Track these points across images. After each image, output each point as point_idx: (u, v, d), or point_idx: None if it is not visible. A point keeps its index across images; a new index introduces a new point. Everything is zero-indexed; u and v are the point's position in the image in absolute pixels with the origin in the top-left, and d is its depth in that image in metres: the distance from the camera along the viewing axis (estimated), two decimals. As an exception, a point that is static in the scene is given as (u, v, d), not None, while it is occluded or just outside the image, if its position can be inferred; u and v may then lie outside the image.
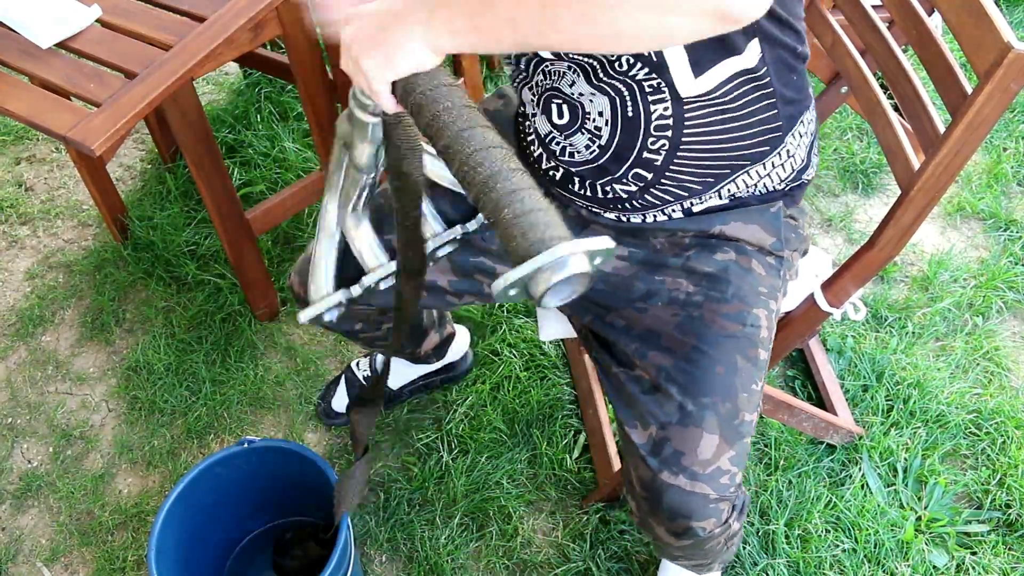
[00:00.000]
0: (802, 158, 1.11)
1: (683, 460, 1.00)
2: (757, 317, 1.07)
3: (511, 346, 1.82)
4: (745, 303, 1.07)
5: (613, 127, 1.01)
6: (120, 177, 2.26)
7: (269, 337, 1.90)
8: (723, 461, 1.00)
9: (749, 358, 1.04)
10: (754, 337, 1.06)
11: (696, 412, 1.01)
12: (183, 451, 1.72)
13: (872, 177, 2.17)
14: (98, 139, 1.32)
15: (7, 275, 2.08)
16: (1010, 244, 2.01)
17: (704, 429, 1.00)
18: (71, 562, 1.60)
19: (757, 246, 1.11)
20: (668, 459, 1.00)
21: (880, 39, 1.17)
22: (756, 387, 1.05)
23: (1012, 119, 2.29)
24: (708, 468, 0.99)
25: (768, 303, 1.09)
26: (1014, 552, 1.52)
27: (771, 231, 1.11)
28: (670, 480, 1.00)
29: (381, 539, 1.57)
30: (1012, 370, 1.78)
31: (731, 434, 1.01)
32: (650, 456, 1.01)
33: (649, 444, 1.02)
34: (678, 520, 1.02)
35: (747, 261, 1.09)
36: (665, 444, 1.01)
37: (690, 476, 0.99)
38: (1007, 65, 0.91)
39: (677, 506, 1.00)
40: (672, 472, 1.00)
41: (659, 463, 1.00)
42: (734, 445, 1.01)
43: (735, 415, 1.02)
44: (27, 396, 1.84)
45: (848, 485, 1.59)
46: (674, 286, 1.10)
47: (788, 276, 1.16)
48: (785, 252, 1.13)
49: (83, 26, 1.51)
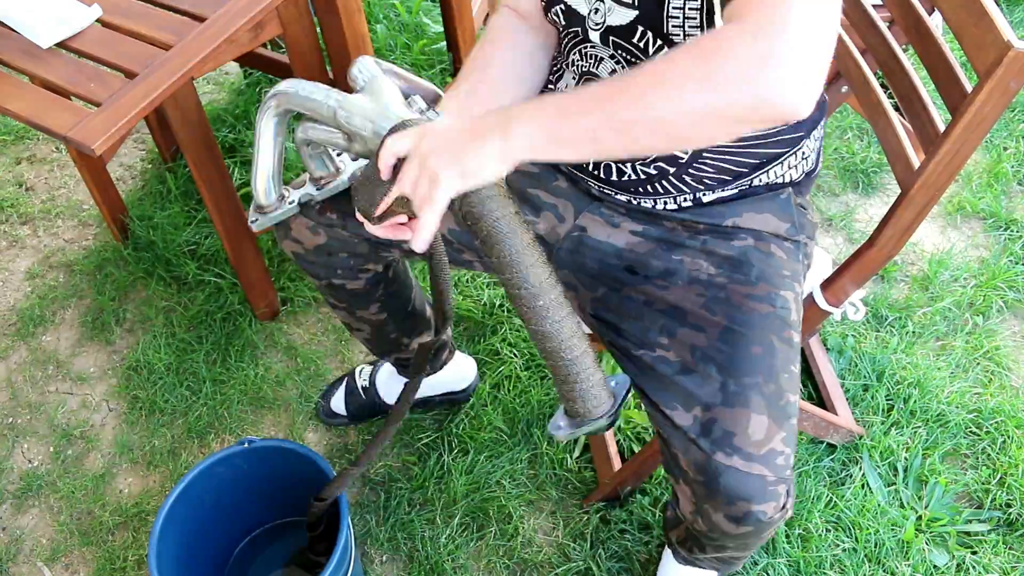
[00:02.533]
0: (813, 161, 1.13)
1: (735, 440, 0.96)
2: (785, 299, 1.05)
3: (511, 345, 1.82)
4: (772, 284, 1.05)
5: None
6: (120, 177, 2.27)
7: (269, 337, 1.90)
8: (776, 442, 0.97)
9: (784, 339, 1.02)
10: (786, 318, 1.04)
11: (740, 392, 0.97)
12: (184, 451, 1.72)
13: (872, 176, 2.17)
14: (98, 139, 1.32)
15: (7, 275, 2.08)
16: (1010, 243, 2.00)
17: (751, 410, 0.97)
18: (72, 562, 1.60)
19: (773, 233, 1.10)
20: (720, 440, 0.96)
21: (880, 38, 1.17)
22: (795, 368, 1.02)
23: (1012, 118, 2.29)
24: (762, 449, 0.96)
25: (793, 286, 1.08)
26: (1014, 551, 1.52)
27: (784, 217, 1.10)
28: (725, 461, 0.95)
29: (382, 539, 1.57)
30: (1012, 369, 1.78)
31: (778, 414, 0.97)
32: (701, 437, 0.97)
33: (697, 425, 0.98)
34: (738, 503, 0.97)
35: (766, 246, 1.09)
36: (714, 425, 0.97)
37: (745, 457, 0.95)
38: (1007, 64, 0.91)
39: (735, 488, 0.96)
40: (726, 453, 0.95)
41: (711, 444, 0.96)
42: (783, 426, 0.97)
43: (780, 396, 0.98)
44: (27, 396, 1.84)
45: (848, 484, 1.59)
46: (694, 267, 1.08)
47: (808, 263, 1.15)
48: (801, 237, 1.12)
49: (83, 26, 1.51)
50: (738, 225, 1.09)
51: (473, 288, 1.94)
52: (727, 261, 1.07)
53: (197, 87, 2.35)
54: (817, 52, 0.75)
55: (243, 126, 2.32)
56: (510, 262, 0.84)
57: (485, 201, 0.83)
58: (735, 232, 1.09)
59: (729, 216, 1.09)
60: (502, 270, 0.84)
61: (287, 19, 1.62)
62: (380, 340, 1.46)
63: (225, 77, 2.54)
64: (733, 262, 1.07)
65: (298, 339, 1.90)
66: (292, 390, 1.80)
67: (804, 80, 0.75)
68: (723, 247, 1.08)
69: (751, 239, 1.09)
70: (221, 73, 2.54)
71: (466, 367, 1.71)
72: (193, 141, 1.55)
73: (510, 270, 0.84)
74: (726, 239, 1.09)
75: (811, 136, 1.08)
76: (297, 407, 1.77)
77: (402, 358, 1.54)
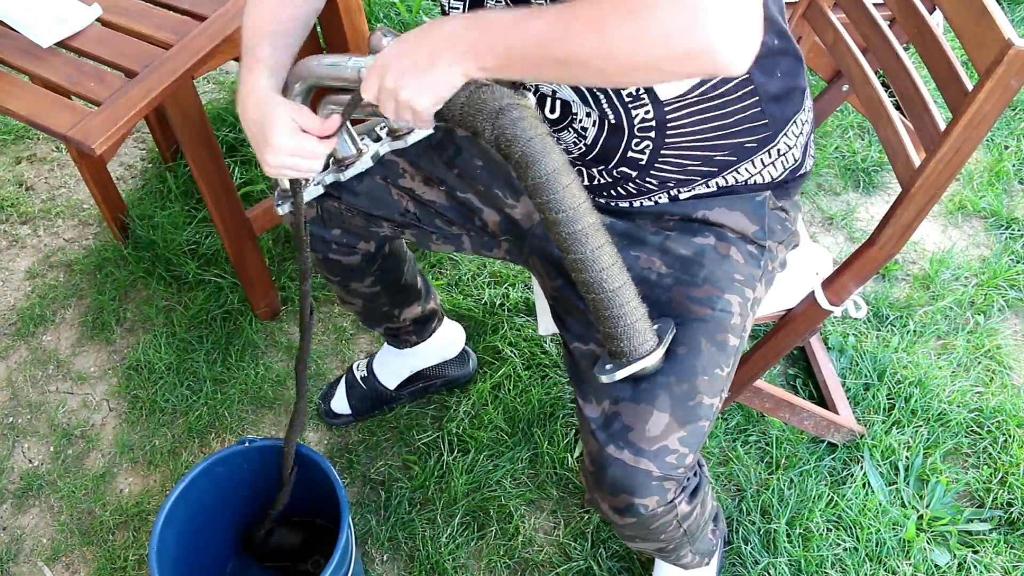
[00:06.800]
0: (796, 157, 1.12)
1: (630, 435, 0.99)
2: (729, 303, 1.06)
3: (512, 345, 1.82)
4: (717, 287, 1.07)
5: (599, 130, 1.03)
6: (121, 176, 2.26)
7: (270, 336, 1.90)
8: (671, 440, 0.99)
9: (715, 342, 1.04)
10: (724, 322, 1.05)
11: (649, 389, 1.00)
12: (184, 450, 1.72)
13: (873, 175, 2.17)
14: (98, 138, 1.32)
15: (8, 274, 2.08)
16: (1011, 242, 2.00)
17: (655, 407, 0.99)
18: (72, 561, 1.60)
19: (739, 233, 1.11)
20: (615, 433, 1.00)
21: (881, 37, 1.17)
22: (721, 372, 1.04)
23: (1013, 117, 2.29)
24: (654, 445, 0.99)
25: (743, 291, 1.09)
26: (1016, 551, 1.52)
27: (755, 219, 1.11)
28: (615, 454, 0.99)
29: (382, 538, 1.57)
30: (1014, 368, 1.78)
31: (684, 414, 1.00)
32: (600, 430, 1.01)
33: (601, 418, 1.02)
34: (620, 495, 1.01)
35: (725, 248, 1.10)
36: (615, 419, 1.01)
37: (635, 451, 0.99)
38: (1008, 62, 0.91)
39: (619, 480, 1.00)
40: (618, 446, 0.99)
41: (607, 436, 1.00)
42: (685, 426, 1.00)
43: (691, 396, 1.01)
44: (28, 395, 1.84)
45: (849, 484, 1.59)
46: (647, 264, 1.10)
47: (772, 267, 1.16)
48: (768, 242, 1.12)
49: (83, 25, 1.51)
50: (707, 218, 1.10)
51: (473, 288, 1.94)
52: (679, 260, 1.09)
53: (197, 86, 2.35)
54: (747, 3, 0.75)
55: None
56: (546, 183, 0.82)
57: (517, 122, 0.82)
58: (700, 228, 1.10)
59: (701, 208, 1.10)
60: (538, 192, 0.83)
61: (287, 18, 1.62)
62: (371, 312, 1.50)
63: (225, 76, 2.54)
64: (685, 261, 1.09)
65: (298, 338, 1.89)
66: (292, 390, 1.80)
67: (737, 33, 0.75)
68: (683, 245, 1.10)
69: (713, 238, 1.10)
70: (221, 72, 2.54)
71: (454, 332, 1.72)
72: (193, 140, 1.55)
73: (546, 191, 0.82)
74: (690, 235, 1.10)
75: (786, 133, 1.08)
76: (297, 406, 1.77)
77: (392, 327, 1.56)
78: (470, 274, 1.96)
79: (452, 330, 1.71)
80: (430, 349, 1.67)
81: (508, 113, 0.82)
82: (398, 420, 1.73)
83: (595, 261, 0.83)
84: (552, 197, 0.82)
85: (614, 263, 0.85)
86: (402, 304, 1.51)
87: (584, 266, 0.84)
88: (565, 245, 0.84)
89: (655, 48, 0.76)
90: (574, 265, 0.86)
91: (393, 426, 1.73)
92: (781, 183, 1.13)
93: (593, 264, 0.83)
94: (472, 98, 0.84)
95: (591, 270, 0.83)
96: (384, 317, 1.52)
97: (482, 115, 0.84)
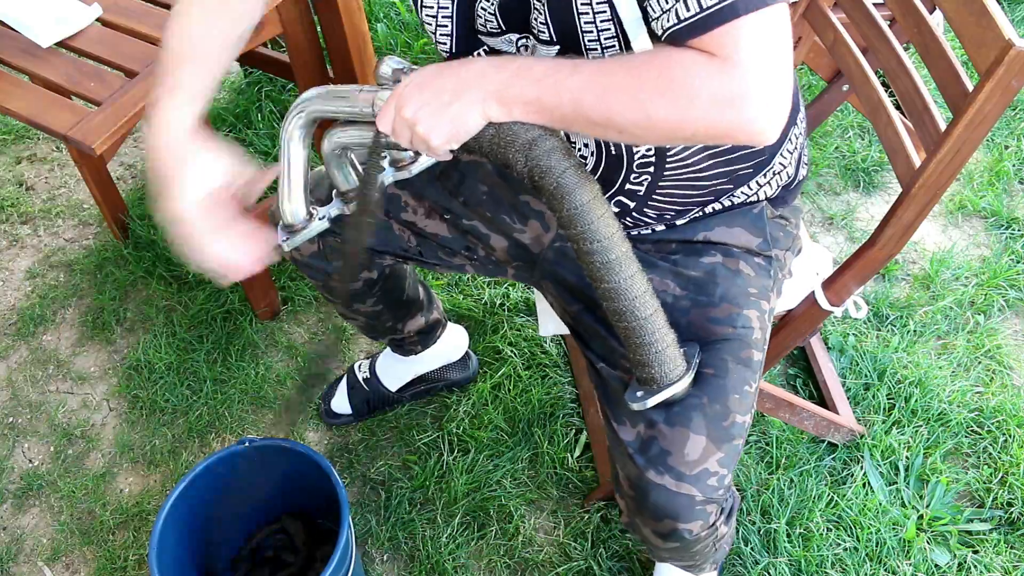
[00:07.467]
0: (790, 173, 1.12)
1: (669, 460, 0.99)
2: (748, 319, 1.06)
3: (512, 345, 1.82)
4: (735, 304, 1.06)
5: (598, 160, 1.03)
6: (121, 176, 2.27)
7: (270, 336, 1.90)
8: (711, 463, 0.99)
9: (741, 360, 1.03)
10: (746, 339, 1.05)
11: (683, 412, 0.99)
12: (184, 450, 1.72)
13: (873, 175, 2.17)
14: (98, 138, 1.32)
15: (8, 274, 2.08)
16: (1011, 242, 2.00)
17: (691, 430, 0.99)
18: (72, 561, 1.60)
19: (744, 248, 1.10)
20: (654, 458, 0.99)
21: (881, 37, 1.17)
22: (749, 389, 1.04)
23: (1013, 117, 2.29)
24: (695, 469, 0.98)
25: (759, 304, 1.08)
26: (1016, 551, 1.52)
27: (756, 232, 1.11)
28: (656, 479, 0.99)
29: (382, 538, 1.57)
30: (1014, 368, 1.78)
31: (719, 435, 0.99)
32: (637, 454, 1.00)
33: (637, 442, 1.01)
34: (664, 521, 1.01)
35: (734, 263, 1.09)
36: (653, 443, 1.00)
37: (676, 476, 0.98)
38: (1008, 63, 0.91)
39: (663, 506, 1.00)
40: (658, 471, 0.99)
41: (646, 461, 1.00)
42: (722, 447, 0.99)
43: (724, 416, 1.00)
44: (28, 395, 1.84)
45: (850, 484, 1.59)
46: (662, 287, 1.09)
47: (781, 276, 1.16)
48: (774, 252, 1.12)
49: (83, 25, 1.51)
50: (709, 239, 1.10)
51: (473, 287, 1.93)
52: (692, 282, 1.08)
53: (197, 86, 2.34)
54: (780, 83, 0.76)
55: (243, 125, 2.32)
56: (580, 214, 0.82)
57: (551, 154, 0.82)
58: (705, 248, 1.10)
59: (700, 231, 1.10)
60: (572, 223, 0.83)
61: (287, 18, 1.62)
62: (374, 327, 1.49)
63: (225, 76, 2.54)
64: (698, 283, 1.08)
65: (299, 339, 1.90)
66: (293, 389, 1.80)
67: (771, 114, 0.77)
68: (692, 267, 1.09)
69: (720, 255, 1.09)
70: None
71: (458, 336, 1.72)
72: (193, 140, 1.55)
73: (581, 222, 0.82)
74: (696, 256, 1.10)
75: (781, 152, 1.08)
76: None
77: (396, 339, 1.56)
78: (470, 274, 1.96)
79: (456, 335, 1.71)
80: (434, 355, 1.67)
81: (541, 144, 0.82)
82: (398, 420, 1.73)
83: (628, 290, 0.83)
84: (587, 228, 0.82)
85: (646, 291, 0.85)
86: (405, 318, 1.50)
87: (617, 295, 0.84)
88: (599, 275, 0.84)
89: (697, 125, 0.77)
90: (607, 294, 0.86)
91: (393, 426, 1.73)
92: (775, 197, 1.13)
93: (626, 292, 0.83)
94: (502, 130, 0.83)
95: (624, 298, 0.83)
96: (388, 331, 1.52)
97: (514, 147, 0.82)
